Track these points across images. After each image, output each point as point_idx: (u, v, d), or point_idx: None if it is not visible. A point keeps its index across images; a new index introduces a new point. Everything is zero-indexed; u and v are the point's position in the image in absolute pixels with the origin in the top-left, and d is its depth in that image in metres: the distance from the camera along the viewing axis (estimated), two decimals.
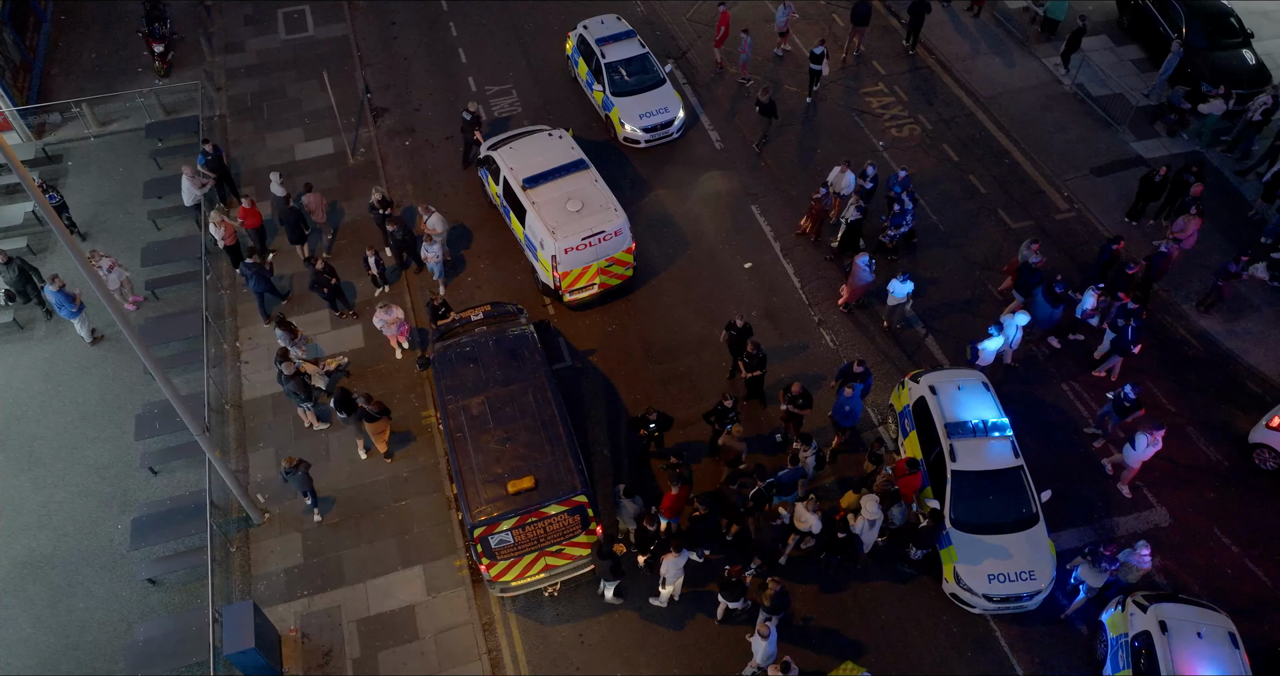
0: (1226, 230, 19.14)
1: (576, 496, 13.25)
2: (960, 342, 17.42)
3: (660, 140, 21.36)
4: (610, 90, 21.20)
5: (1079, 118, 21.71)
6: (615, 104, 21.10)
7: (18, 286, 17.50)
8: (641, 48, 21.70)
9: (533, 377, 14.60)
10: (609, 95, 21.21)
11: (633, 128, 20.99)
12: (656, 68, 21.62)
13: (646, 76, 21.40)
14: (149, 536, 14.74)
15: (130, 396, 17.01)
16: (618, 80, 21.24)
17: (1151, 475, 15.56)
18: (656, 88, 21.31)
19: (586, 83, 22.18)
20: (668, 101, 21.19)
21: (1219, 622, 12.51)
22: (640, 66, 21.45)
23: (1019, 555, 13.70)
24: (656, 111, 21.01)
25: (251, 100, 22.86)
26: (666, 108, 21.11)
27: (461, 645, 14.02)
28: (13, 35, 22.13)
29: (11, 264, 17.36)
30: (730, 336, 16.38)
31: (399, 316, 16.90)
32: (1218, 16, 21.99)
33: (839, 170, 18.86)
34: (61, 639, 14.13)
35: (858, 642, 13.93)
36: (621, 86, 21.20)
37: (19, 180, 20.55)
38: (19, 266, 17.48)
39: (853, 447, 15.97)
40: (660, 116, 21.01)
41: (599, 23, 22.23)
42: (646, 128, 20.99)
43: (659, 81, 21.42)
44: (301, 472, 14.63)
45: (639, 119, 20.94)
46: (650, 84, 21.32)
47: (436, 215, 18.16)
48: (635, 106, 21.02)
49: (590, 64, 21.82)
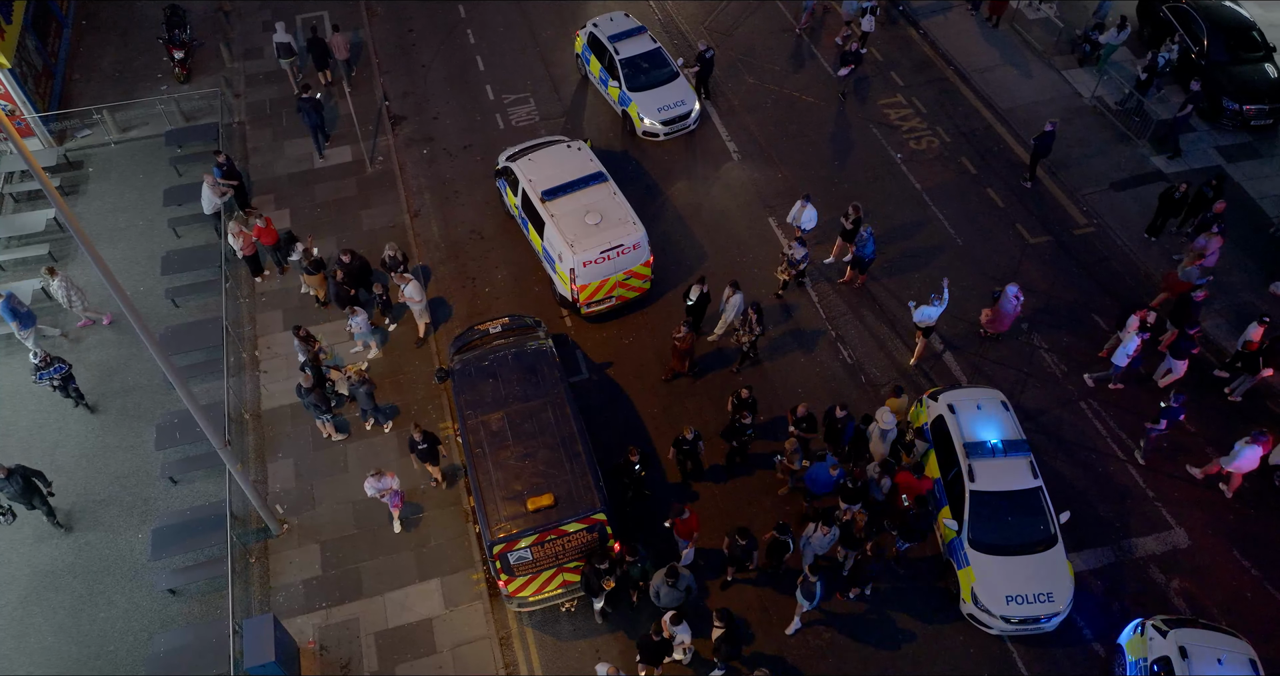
0: (1246, 247, 19.03)
1: (596, 514, 13.28)
2: (978, 361, 17.42)
3: (679, 132, 21.82)
4: (627, 86, 21.61)
5: (1098, 131, 21.62)
6: (633, 99, 21.54)
7: (23, 499, 14.89)
8: (653, 43, 22.14)
9: (552, 394, 14.63)
10: (625, 91, 21.62)
11: (652, 121, 21.44)
12: (670, 62, 22.01)
13: (661, 71, 21.84)
14: (169, 547, 14.84)
15: (150, 405, 17.12)
16: (633, 76, 21.63)
17: (1171, 496, 15.53)
18: (671, 81, 21.78)
19: (600, 80, 22.56)
20: (684, 94, 21.68)
21: (1239, 649, 12.46)
22: (654, 61, 21.86)
23: (1037, 576, 13.66)
24: (674, 104, 21.50)
25: (270, 107, 22.95)
26: (683, 100, 21.59)
27: (479, 659, 14.07)
28: (35, 41, 22.26)
29: (13, 477, 14.54)
30: (681, 451, 15.24)
31: (393, 486, 14.81)
32: (1239, 30, 21.88)
33: (800, 206, 18.34)
34: (83, 648, 14.25)
35: (873, 662, 13.94)
36: (638, 82, 21.64)
37: (40, 186, 20.87)
38: (21, 475, 14.65)
39: None
40: (678, 109, 21.50)
41: (608, 20, 22.57)
42: (666, 121, 21.46)
43: (673, 75, 21.87)
44: (367, 389, 15.70)
45: (657, 112, 21.41)
46: (665, 78, 21.78)
47: (413, 284, 17.14)
48: (653, 100, 21.48)
49: (603, 60, 22.16)
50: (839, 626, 14.29)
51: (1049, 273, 18.90)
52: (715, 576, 14.76)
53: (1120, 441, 16.28)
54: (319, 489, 16.01)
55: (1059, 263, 19.08)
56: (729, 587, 14.61)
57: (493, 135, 22.13)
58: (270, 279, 19.22)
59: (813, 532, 13.74)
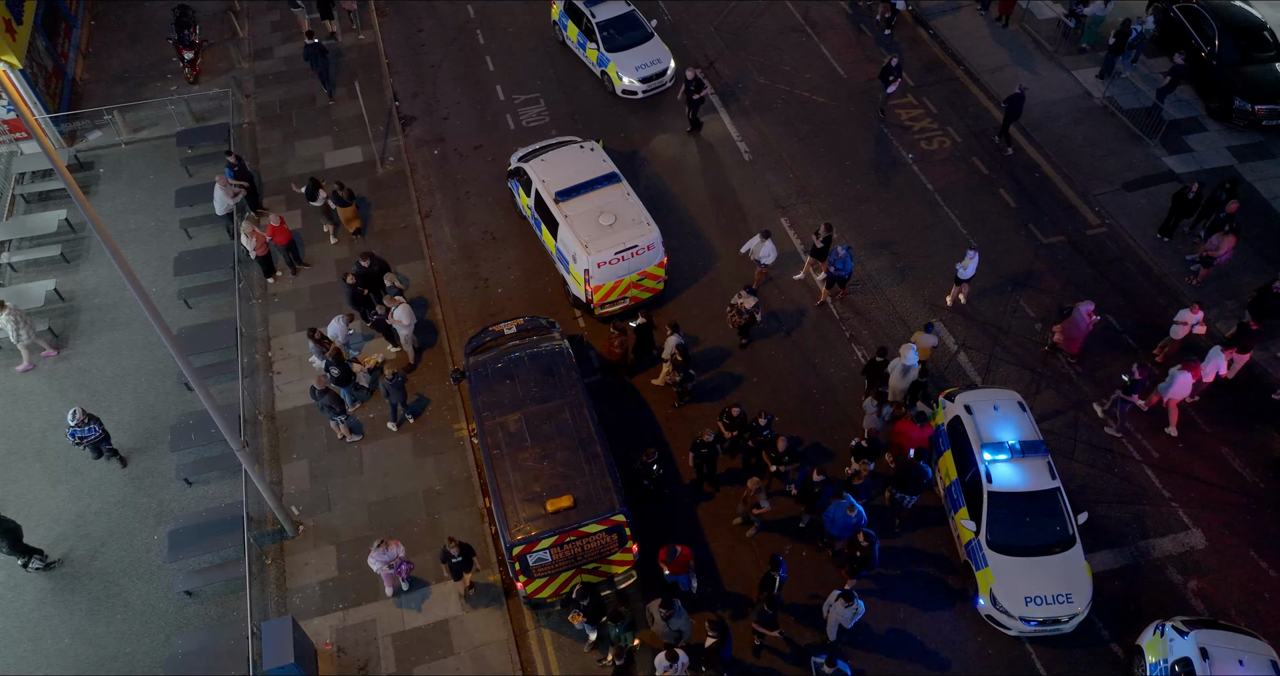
0: (1259, 245, 19.02)
1: (615, 515, 13.27)
2: (992, 359, 17.42)
3: (656, 90, 22.76)
4: (605, 47, 22.57)
5: (1110, 131, 21.60)
6: (611, 60, 22.46)
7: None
8: (628, 5, 23.08)
9: (569, 394, 14.62)
10: (604, 52, 22.58)
11: (630, 80, 22.38)
12: (644, 24, 22.97)
13: (636, 32, 22.83)
14: (186, 548, 14.82)
15: (164, 406, 17.11)
16: (610, 37, 22.59)
17: (1187, 496, 15.52)
18: (647, 42, 22.78)
19: (578, 44, 23.50)
20: (659, 53, 22.71)
21: (1260, 650, 12.45)
22: (629, 24, 22.83)
23: (1056, 577, 13.65)
24: (650, 63, 22.50)
25: (280, 107, 22.94)
26: (659, 59, 22.61)
27: (496, 660, 14.06)
28: (45, 42, 22.24)
29: None
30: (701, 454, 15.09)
31: (399, 554, 14.14)
32: (1251, 30, 21.87)
33: (758, 240, 17.75)
34: (100, 650, 14.24)
35: (890, 665, 13.93)
36: (615, 43, 22.61)
37: (50, 187, 20.86)
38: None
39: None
40: (654, 67, 22.51)
41: None
42: (643, 79, 22.40)
43: (648, 36, 22.88)
44: (396, 381, 15.96)
45: (635, 71, 22.39)
46: (641, 39, 22.78)
47: (403, 307, 16.88)
48: (630, 60, 22.48)
49: (580, 25, 23.08)
50: (854, 628, 14.26)
51: (1062, 273, 18.87)
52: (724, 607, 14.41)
53: (1136, 442, 16.26)
54: (334, 490, 16.00)
55: (1072, 263, 19.06)
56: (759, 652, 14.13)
57: (503, 136, 22.12)
58: (283, 280, 19.20)
59: (834, 600, 13.06)
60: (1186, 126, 21.41)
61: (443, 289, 19.08)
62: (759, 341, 17.88)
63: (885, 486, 15.09)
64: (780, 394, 17.06)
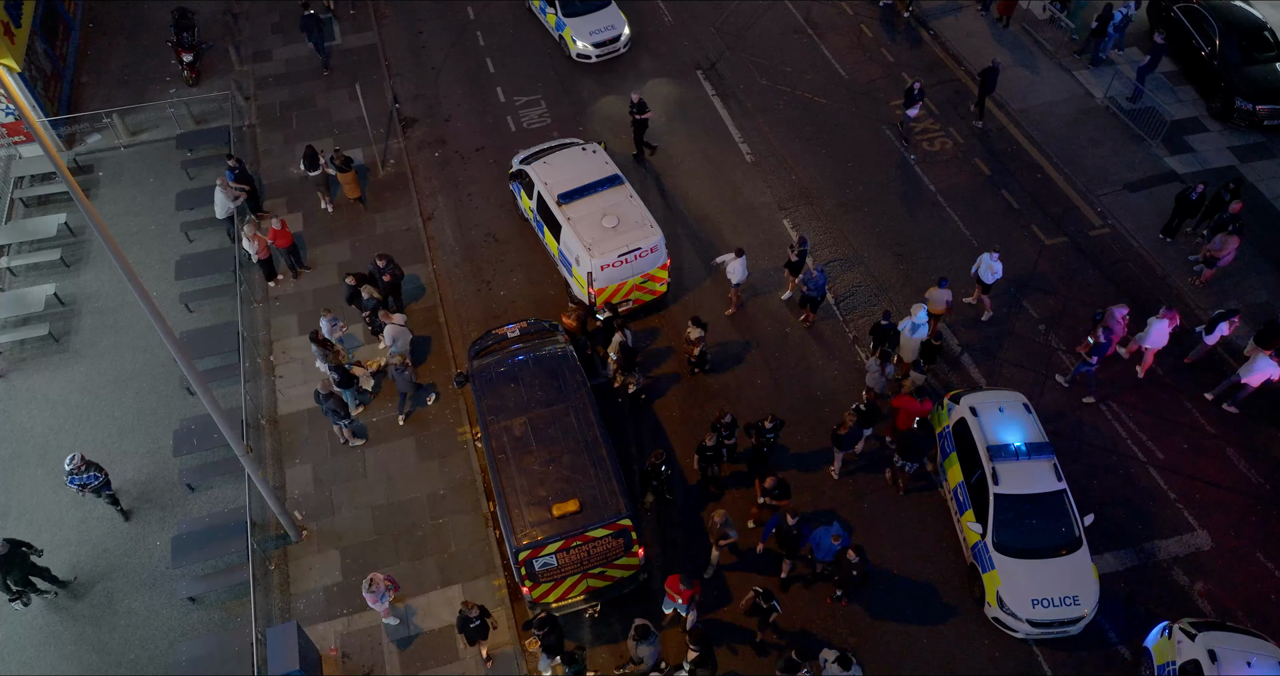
0: (1262, 247, 19.02)
1: (621, 520, 13.22)
2: (998, 363, 17.41)
3: (609, 55, 23.47)
4: (562, 12, 23.28)
5: (1111, 131, 21.59)
6: (568, 24, 23.22)
7: (14, 580, 14.25)
8: None
9: (575, 398, 14.57)
10: (561, 17, 23.30)
11: (584, 44, 23.17)
12: None
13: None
14: (190, 554, 14.76)
15: (167, 411, 17.03)
16: (568, 2, 23.30)
17: (1193, 498, 15.51)
18: (603, 8, 23.52)
19: (540, 9, 24.25)
20: (614, 19, 23.42)
21: (1269, 651, 12.43)
22: None
23: (1062, 579, 13.64)
24: (604, 28, 23.20)
25: (281, 110, 22.85)
26: (613, 25, 23.33)
27: (502, 666, 14.01)
28: (44, 45, 22.14)
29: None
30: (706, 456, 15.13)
31: (384, 577, 13.88)
32: (1252, 30, 21.87)
33: (730, 256, 17.42)
34: (104, 656, 14.18)
35: (897, 667, 13.90)
36: (573, 8, 23.34)
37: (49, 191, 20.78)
38: (9, 549, 13.97)
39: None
40: (608, 32, 23.19)
41: None
42: (596, 43, 23.13)
43: (605, 2, 23.59)
44: (408, 374, 16.01)
45: (589, 36, 23.11)
46: (598, 5, 23.51)
47: (392, 328, 16.54)
48: (585, 25, 23.18)
49: None
50: (861, 630, 14.25)
51: (1065, 274, 18.87)
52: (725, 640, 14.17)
53: (1141, 444, 16.25)
54: (338, 494, 15.95)
55: (1075, 264, 19.05)
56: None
57: (505, 137, 22.06)
58: (284, 283, 19.13)
59: (830, 663, 12.62)
60: (1188, 127, 21.41)
61: (445, 291, 19.02)
62: (760, 342, 17.85)
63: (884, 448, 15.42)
64: (781, 394, 17.03)
